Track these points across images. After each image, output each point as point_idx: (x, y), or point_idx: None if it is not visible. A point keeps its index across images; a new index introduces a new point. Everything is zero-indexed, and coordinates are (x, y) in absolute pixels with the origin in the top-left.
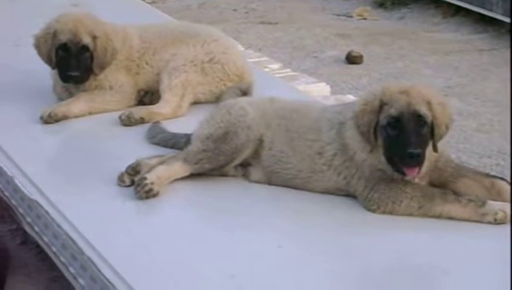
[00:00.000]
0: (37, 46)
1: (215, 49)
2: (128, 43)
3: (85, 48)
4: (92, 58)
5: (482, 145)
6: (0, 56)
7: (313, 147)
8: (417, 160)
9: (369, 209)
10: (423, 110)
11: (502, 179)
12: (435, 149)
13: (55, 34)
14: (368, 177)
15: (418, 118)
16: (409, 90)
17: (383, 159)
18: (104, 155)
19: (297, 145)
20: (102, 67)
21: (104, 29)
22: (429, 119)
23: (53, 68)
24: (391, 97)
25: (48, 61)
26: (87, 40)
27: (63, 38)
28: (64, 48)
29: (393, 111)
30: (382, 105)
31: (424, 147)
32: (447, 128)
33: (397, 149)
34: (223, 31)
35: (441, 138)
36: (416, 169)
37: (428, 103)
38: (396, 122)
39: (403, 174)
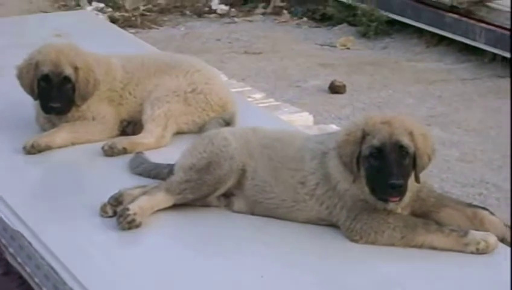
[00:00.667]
0: (20, 77)
1: (197, 80)
2: (111, 73)
3: (67, 79)
4: (74, 89)
5: (464, 174)
6: None
7: (296, 177)
8: (398, 191)
9: (351, 240)
10: (405, 140)
11: (484, 208)
12: (417, 180)
13: (37, 65)
14: (350, 207)
15: (400, 148)
16: (391, 121)
17: (365, 189)
18: (86, 186)
19: (280, 175)
20: (84, 99)
21: (86, 60)
22: (411, 149)
23: (35, 99)
24: (373, 128)
25: (30, 92)
26: (68, 71)
27: (45, 69)
28: (45, 79)
29: (375, 142)
30: (364, 135)
31: (406, 177)
32: (429, 159)
33: (379, 180)
34: (206, 61)
35: (423, 168)
36: (398, 197)
37: (411, 134)
38: (378, 152)
39: (386, 201)
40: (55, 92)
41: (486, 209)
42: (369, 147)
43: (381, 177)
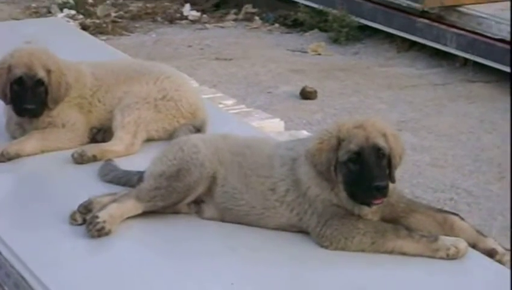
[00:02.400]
0: None
1: (167, 86)
2: (81, 80)
3: (40, 82)
4: (46, 92)
5: (436, 179)
6: None
7: (266, 184)
8: (383, 192)
9: (322, 246)
10: (381, 142)
11: (454, 214)
12: (392, 180)
13: (9, 69)
14: (321, 213)
15: (378, 151)
16: (364, 125)
17: (342, 194)
18: (56, 193)
19: (250, 182)
20: (57, 102)
21: (58, 63)
22: (387, 151)
23: (7, 103)
24: (348, 133)
25: (2, 96)
26: (42, 74)
27: (18, 72)
28: (19, 82)
29: (353, 146)
30: (340, 142)
31: (387, 178)
32: (401, 158)
33: (361, 184)
34: (177, 67)
35: (396, 168)
36: (382, 199)
37: (384, 135)
38: (357, 157)
39: (369, 205)
40: (30, 95)
41: (457, 215)
42: (346, 152)
43: (363, 181)
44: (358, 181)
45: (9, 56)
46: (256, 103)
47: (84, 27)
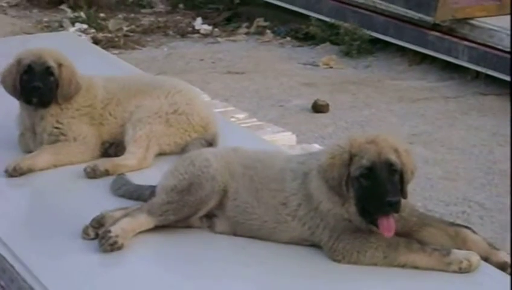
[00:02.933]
0: (3, 80)
1: (179, 100)
2: (92, 91)
3: (49, 71)
4: (57, 86)
5: (448, 192)
6: None
7: (277, 198)
8: (395, 207)
9: (334, 260)
10: (393, 158)
11: (466, 227)
12: (404, 195)
13: (19, 62)
14: (333, 227)
15: (390, 166)
16: (376, 140)
17: (352, 209)
18: (68, 208)
19: (262, 196)
20: (66, 98)
21: (70, 61)
22: (399, 166)
23: (18, 98)
24: (360, 148)
25: (13, 90)
26: (51, 63)
27: (27, 61)
28: (28, 70)
29: (364, 162)
30: (351, 157)
31: (399, 194)
32: (413, 174)
33: (373, 199)
34: (189, 81)
35: (408, 184)
36: (392, 222)
37: (396, 151)
38: (369, 172)
39: (376, 226)
40: (38, 78)
41: (469, 228)
42: (358, 167)
43: (375, 196)
44: (370, 196)
45: (19, 53)
46: (268, 116)
47: (96, 41)
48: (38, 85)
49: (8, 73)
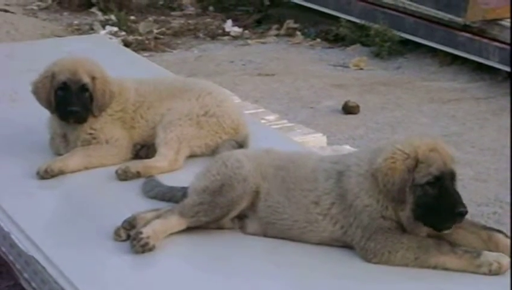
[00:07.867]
0: (35, 91)
1: (209, 103)
2: (124, 94)
3: (85, 88)
4: (91, 99)
5: (479, 193)
6: None
7: (309, 197)
8: (463, 218)
9: (365, 259)
10: (454, 168)
11: (499, 231)
12: None
13: (53, 76)
14: (366, 226)
15: (454, 176)
16: (436, 148)
17: (403, 214)
18: (100, 210)
19: (293, 196)
20: (101, 109)
21: (102, 71)
22: (456, 176)
23: (52, 112)
24: (425, 155)
25: (47, 104)
26: (86, 79)
27: (63, 77)
28: (63, 87)
29: (433, 170)
30: (417, 164)
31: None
32: None
33: (441, 208)
34: (220, 83)
35: None
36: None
37: (453, 160)
38: (436, 181)
39: (439, 229)
40: (74, 98)
41: (501, 232)
42: (426, 175)
43: (443, 205)
44: (436, 205)
45: (53, 64)
46: (298, 118)
47: (127, 44)
48: (76, 110)
49: (41, 85)
